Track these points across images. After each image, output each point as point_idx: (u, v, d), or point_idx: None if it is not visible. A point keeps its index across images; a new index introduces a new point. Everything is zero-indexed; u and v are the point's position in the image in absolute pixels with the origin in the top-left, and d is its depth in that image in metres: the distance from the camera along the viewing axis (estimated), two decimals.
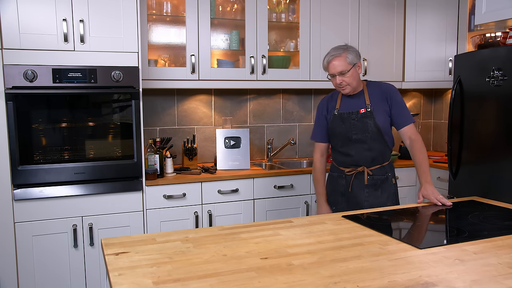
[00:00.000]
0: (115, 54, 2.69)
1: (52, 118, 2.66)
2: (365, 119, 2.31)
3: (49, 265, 2.65)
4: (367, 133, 2.31)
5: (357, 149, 2.35)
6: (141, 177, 2.81)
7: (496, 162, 2.74)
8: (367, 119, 2.31)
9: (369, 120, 2.31)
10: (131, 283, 1.22)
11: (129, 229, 2.78)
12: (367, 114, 2.31)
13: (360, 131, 2.32)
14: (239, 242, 1.57)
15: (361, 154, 2.35)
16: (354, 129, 2.33)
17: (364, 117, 2.31)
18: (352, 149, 2.36)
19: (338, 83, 2.29)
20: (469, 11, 3.44)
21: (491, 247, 1.50)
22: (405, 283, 1.21)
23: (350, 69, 2.25)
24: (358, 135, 2.33)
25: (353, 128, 2.33)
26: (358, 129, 2.32)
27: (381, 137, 2.33)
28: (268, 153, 3.65)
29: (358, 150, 2.35)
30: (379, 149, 2.35)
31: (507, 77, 2.65)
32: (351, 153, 2.37)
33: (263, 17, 3.28)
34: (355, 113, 2.33)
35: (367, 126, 2.31)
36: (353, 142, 2.35)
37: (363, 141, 2.33)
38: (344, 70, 2.25)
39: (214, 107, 3.57)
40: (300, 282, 1.22)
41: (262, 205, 3.12)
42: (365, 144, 2.33)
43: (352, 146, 2.36)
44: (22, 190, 2.56)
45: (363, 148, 2.34)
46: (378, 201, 2.34)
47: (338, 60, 2.25)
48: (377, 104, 2.33)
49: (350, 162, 2.39)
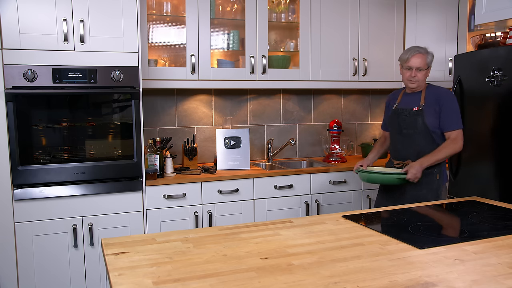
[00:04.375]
0: (115, 54, 2.69)
1: (52, 118, 2.66)
2: (415, 117, 2.53)
3: (49, 265, 2.65)
4: (416, 129, 2.53)
5: (404, 143, 2.59)
6: (141, 177, 2.81)
7: (496, 162, 2.74)
8: (417, 117, 2.52)
9: (419, 118, 2.51)
10: (131, 283, 1.22)
11: (129, 229, 2.78)
12: (418, 112, 2.52)
13: (410, 127, 2.55)
14: (239, 242, 1.57)
15: (407, 148, 2.57)
16: (404, 124, 2.57)
17: (415, 115, 2.53)
18: (400, 142, 2.62)
19: (412, 76, 2.51)
20: (469, 11, 3.44)
21: (491, 247, 1.50)
22: (405, 283, 1.21)
23: (426, 68, 2.52)
24: (408, 130, 2.56)
25: (403, 123, 2.58)
26: (408, 124, 2.56)
27: (429, 135, 2.51)
28: (268, 153, 3.65)
29: (405, 144, 2.58)
30: (426, 145, 2.52)
31: (507, 77, 2.65)
32: (398, 146, 2.63)
33: (263, 17, 3.28)
34: (408, 110, 2.57)
35: (416, 123, 2.52)
36: (402, 136, 2.59)
37: (411, 136, 2.55)
38: (421, 67, 2.51)
39: (214, 107, 3.57)
40: (300, 282, 1.22)
41: (262, 205, 3.12)
42: (412, 139, 2.55)
43: (400, 140, 2.61)
44: (22, 190, 2.56)
45: (410, 142, 2.56)
46: (418, 194, 2.51)
47: (420, 57, 2.51)
48: (429, 105, 2.51)
49: (398, 155, 2.64)
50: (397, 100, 2.68)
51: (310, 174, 3.23)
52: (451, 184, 3.10)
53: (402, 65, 2.59)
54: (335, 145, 3.66)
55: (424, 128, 2.50)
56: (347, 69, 3.55)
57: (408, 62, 2.52)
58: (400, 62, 2.62)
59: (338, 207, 3.31)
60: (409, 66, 2.52)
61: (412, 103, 2.57)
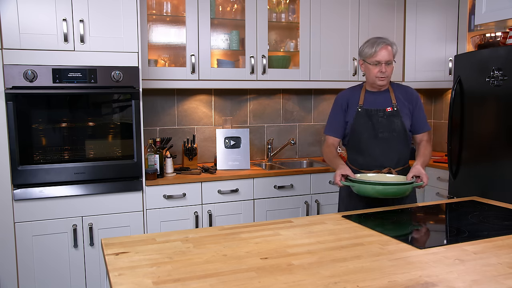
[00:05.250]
0: (115, 54, 2.69)
1: (52, 118, 2.66)
2: (392, 118, 2.25)
3: (49, 265, 2.65)
4: (394, 132, 2.25)
5: (382, 149, 2.26)
6: (141, 177, 2.81)
7: (496, 162, 2.74)
8: (394, 118, 2.25)
9: (396, 119, 2.25)
10: (131, 283, 1.22)
11: (129, 229, 2.78)
12: (393, 113, 2.26)
13: (387, 130, 2.25)
14: (239, 242, 1.57)
15: (387, 154, 2.26)
16: (381, 127, 2.25)
17: (391, 116, 2.26)
18: (376, 148, 2.26)
19: (382, 72, 2.21)
20: (469, 11, 3.44)
21: (491, 247, 1.50)
22: (405, 283, 1.21)
23: (392, 62, 2.24)
24: (385, 133, 2.25)
25: (380, 125, 2.25)
26: (385, 127, 2.25)
27: (405, 138, 2.28)
28: (268, 153, 3.65)
29: (383, 149, 2.26)
30: (403, 150, 2.29)
31: (507, 77, 2.65)
32: (375, 153, 2.27)
33: (263, 17, 3.28)
34: (382, 110, 2.27)
35: (394, 125, 2.25)
36: (378, 140, 2.26)
37: (389, 141, 2.26)
38: (390, 61, 2.22)
39: (214, 107, 3.57)
40: (300, 282, 1.22)
41: (262, 205, 3.12)
42: (390, 143, 2.26)
43: (376, 145, 2.26)
44: (22, 190, 2.56)
45: (389, 147, 2.26)
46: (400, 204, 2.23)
47: (388, 50, 2.22)
48: (402, 105, 2.29)
49: (374, 163, 2.27)
50: (360, 101, 2.31)
51: (310, 174, 3.23)
52: (451, 184, 3.10)
53: (364, 60, 2.26)
54: None
55: (403, 130, 2.25)
56: (347, 69, 3.55)
57: (376, 56, 2.20)
58: (361, 58, 2.29)
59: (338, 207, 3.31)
60: (378, 60, 2.20)
61: (382, 103, 2.28)
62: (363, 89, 2.36)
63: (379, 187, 1.98)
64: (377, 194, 2.00)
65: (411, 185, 2.03)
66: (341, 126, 2.36)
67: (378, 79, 2.24)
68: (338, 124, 2.36)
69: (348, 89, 2.43)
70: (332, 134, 2.37)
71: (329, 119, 2.41)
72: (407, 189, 2.01)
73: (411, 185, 2.03)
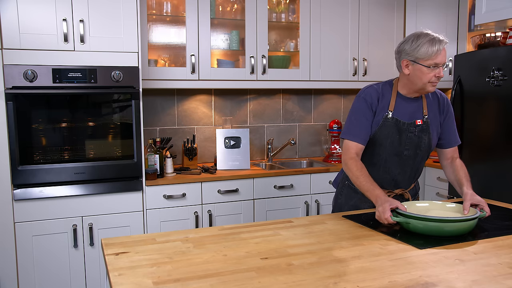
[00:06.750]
0: (115, 54, 2.69)
1: (52, 118, 2.66)
2: (420, 134, 1.91)
3: (49, 265, 2.65)
4: (419, 150, 1.93)
5: (403, 168, 1.95)
6: (141, 177, 2.81)
7: (496, 162, 2.74)
8: (423, 134, 1.91)
9: (425, 136, 1.91)
10: (131, 283, 1.22)
11: (129, 229, 2.78)
12: (423, 127, 1.90)
13: (413, 147, 1.92)
14: (239, 242, 1.57)
15: (405, 173, 1.97)
16: (408, 145, 1.91)
17: (420, 131, 1.91)
18: (397, 167, 1.94)
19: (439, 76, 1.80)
20: (469, 11, 3.44)
21: (491, 247, 1.50)
22: (405, 283, 1.21)
23: None
24: (410, 151, 1.92)
25: (408, 142, 1.90)
26: (412, 144, 1.91)
27: (427, 155, 1.98)
28: (268, 153, 3.65)
29: (404, 169, 1.95)
30: (420, 168, 2.01)
31: (507, 77, 2.65)
32: (393, 171, 1.95)
33: (263, 17, 3.28)
34: (413, 124, 1.89)
35: (421, 142, 1.91)
36: (400, 158, 1.93)
37: (410, 158, 1.94)
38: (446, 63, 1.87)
39: (214, 107, 3.57)
40: (300, 282, 1.22)
41: (262, 205, 3.12)
42: (411, 162, 1.95)
43: (398, 164, 1.94)
44: (22, 190, 2.56)
45: (409, 166, 1.96)
46: None
47: (445, 50, 1.79)
48: (433, 116, 1.93)
49: (389, 182, 1.97)
50: (390, 106, 1.89)
51: (310, 174, 3.23)
52: (451, 184, 3.10)
53: (416, 61, 1.79)
54: (335, 145, 3.66)
55: (428, 148, 1.93)
56: (347, 69, 3.55)
57: (436, 58, 1.76)
58: (410, 58, 1.80)
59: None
60: (437, 63, 1.77)
61: (413, 114, 1.90)
62: (394, 90, 1.92)
63: (449, 225, 1.56)
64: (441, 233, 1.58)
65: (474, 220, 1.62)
66: (368, 131, 1.90)
67: (431, 84, 1.82)
68: (364, 128, 1.89)
69: (375, 86, 1.94)
70: (357, 140, 1.88)
71: (352, 120, 1.92)
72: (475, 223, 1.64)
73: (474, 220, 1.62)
